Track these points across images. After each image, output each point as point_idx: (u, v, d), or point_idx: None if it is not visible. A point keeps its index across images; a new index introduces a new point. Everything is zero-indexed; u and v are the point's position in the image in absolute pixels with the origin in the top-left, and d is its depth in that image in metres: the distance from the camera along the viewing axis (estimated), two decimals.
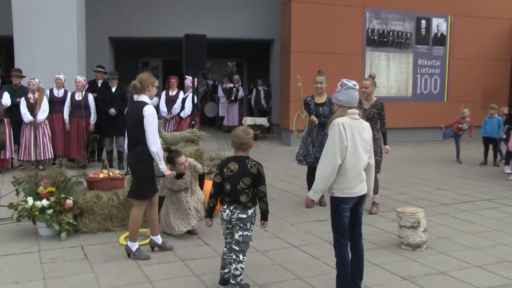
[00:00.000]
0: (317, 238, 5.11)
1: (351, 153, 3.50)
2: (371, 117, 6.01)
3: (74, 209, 5.01)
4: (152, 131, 4.21)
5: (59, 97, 8.70)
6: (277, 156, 10.89)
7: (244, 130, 3.73)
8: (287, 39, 12.42)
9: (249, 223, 3.67)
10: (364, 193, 3.63)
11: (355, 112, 3.59)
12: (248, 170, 3.62)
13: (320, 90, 6.26)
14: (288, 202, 6.61)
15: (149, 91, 4.36)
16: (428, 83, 13.61)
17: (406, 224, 4.79)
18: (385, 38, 13.03)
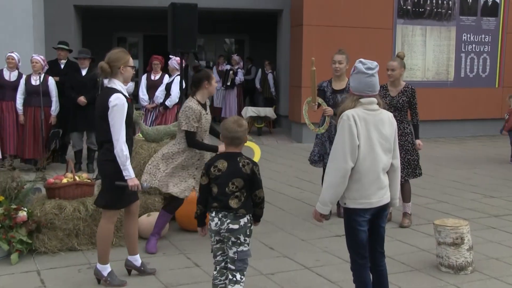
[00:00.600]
0: (335, 257, 5.09)
1: (366, 153, 3.48)
2: (400, 106, 6.01)
3: (28, 224, 4.95)
4: (117, 127, 4.19)
5: (11, 81, 8.66)
6: (286, 155, 10.87)
7: (236, 121, 3.74)
8: (298, 9, 12.38)
9: (242, 235, 3.66)
10: (386, 202, 3.61)
11: (372, 102, 3.57)
12: (240, 169, 3.64)
13: (339, 72, 6.23)
14: (300, 213, 6.60)
15: (121, 73, 4.33)
16: (475, 64, 13.57)
17: (446, 240, 4.77)
18: (421, 8, 12.99)
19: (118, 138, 4.18)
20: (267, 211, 6.45)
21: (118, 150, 4.17)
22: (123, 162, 4.19)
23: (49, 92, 8.60)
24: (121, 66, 4.30)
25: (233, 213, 3.63)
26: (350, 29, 12.25)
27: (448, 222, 4.88)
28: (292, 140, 12.69)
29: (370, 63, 3.58)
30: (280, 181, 8.32)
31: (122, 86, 4.34)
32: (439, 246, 4.83)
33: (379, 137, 3.53)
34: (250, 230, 3.71)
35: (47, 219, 5.04)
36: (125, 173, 4.23)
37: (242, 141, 3.73)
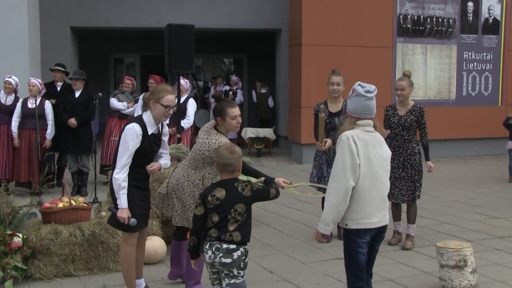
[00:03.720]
0: (336, 281, 5.08)
1: (366, 173, 3.54)
2: (408, 125, 6.05)
3: (23, 250, 4.95)
4: (120, 154, 4.24)
5: (7, 105, 8.72)
6: (286, 176, 10.64)
7: (228, 148, 3.77)
8: (296, 29, 12.47)
9: (236, 268, 3.65)
10: (386, 223, 3.67)
11: (369, 124, 3.64)
12: (240, 194, 3.67)
13: (337, 94, 6.28)
14: (300, 236, 6.59)
15: (151, 108, 4.37)
16: (477, 83, 13.61)
17: (449, 263, 4.76)
18: (421, 26, 13.08)
19: (116, 166, 4.24)
20: (266, 234, 6.53)
21: (113, 178, 4.24)
22: (117, 190, 4.24)
23: (45, 115, 8.64)
24: (152, 100, 4.35)
25: (226, 248, 3.61)
26: (349, 48, 12.32)
27: (451, 244, 4.88)
28: (292, 161, 12.70)
29: (369, 86, 3.65)
30: (280, 203, 8.28)
31: (150, 120, 4.36)
32: (441, 269, 4.82)
33: (378, 158, 3.60)
34: (245, 263, 3.69)
35: (43, 245, 5.05)
36: (118, 202, 4.27)
37: (235, 168, 3.74)
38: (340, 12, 12.28)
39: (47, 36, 11.78)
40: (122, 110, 9.43)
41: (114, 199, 4.31)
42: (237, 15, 13.56)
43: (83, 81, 9.00)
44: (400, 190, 6.09)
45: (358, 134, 3.57)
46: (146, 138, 4.32)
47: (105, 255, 5.28)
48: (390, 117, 6.15)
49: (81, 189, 8.88)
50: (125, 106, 9.43)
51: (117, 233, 5.33)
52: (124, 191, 4.24)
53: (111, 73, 17.49)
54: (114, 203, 4.36)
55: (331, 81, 6.26)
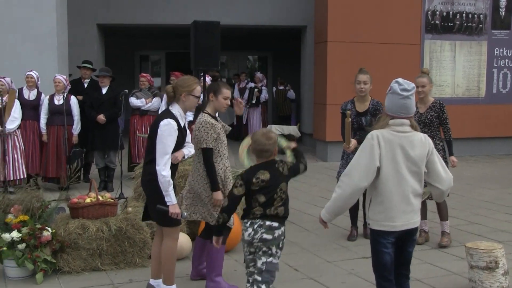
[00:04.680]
0: (362, 280, 5.07)
1: (390, 175, 3.50)
2: (429, 122, 6.03)
3: (52, 243, 5.04)
4: (161, 152, 4.26)
5: (31, 100, 8.85)
6: (310, 174, 10.82)
7: (264, 134, 3.85)
8: (322, 25, 12.44)
9: (274, 246, 3.75)
10: (413, 227, 3.62)
11: (403, 123, 3.56)
12: (281, 174, 3.82)
13: (364, 93, 6.24)
14: (325, 234, 6.54)
15: (182, 101, 4.42)
16: (508, 80, 13.42)
17: (479, 264, 4.71)
18: (450, 23, 12.93)
19: (160, 163, 4.25)
20: (291, 232, 6.51)
21: (160, 177, 4.24)
22: (165, 187, 4.25)
23: (71, 111, 8.79)
24: (184, 93, 4.38)
25: (269, 225, 3.73)
26: (375, 45, 12.23)
27: (481, 245, 4.82)
28: (317, 159, 12.67)
29: (407, 84, 3.56)
30: (304, 200, 8.31)
31: (181, 113, 4.42)
32: (471, 270, 4.76)
33: (405, 160, 3.52)
34: (283, 243, 3.80)
35: (71, 239, 5.14)
36: (167, 199, 4.29)
37: (271, 153, 3.83)
38: (366, 8, 12.20)
39: (75, 33, 11.93)
40: (141, 106, 9.51)
41: (157, 195, 4.30)
42: (262, 12, 13.58)
43: (110, 78, 9.13)
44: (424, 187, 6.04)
45: (385, 135, 3.52)
46: (180, 131, 4.37)
47: (131, 251, 5.34)
48: None
49: (107, 185, 9.01)
50: (143, 103, 9.51)
51: (143, 228, 5.41)
52: (172, 187, 4.29)
53: (137, 70, 17.64)
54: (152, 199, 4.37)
55: (357, 79, 6.22)
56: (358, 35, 12.16)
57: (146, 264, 5.30)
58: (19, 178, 8.44)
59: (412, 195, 3.56)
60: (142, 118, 9.57)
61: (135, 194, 6.37)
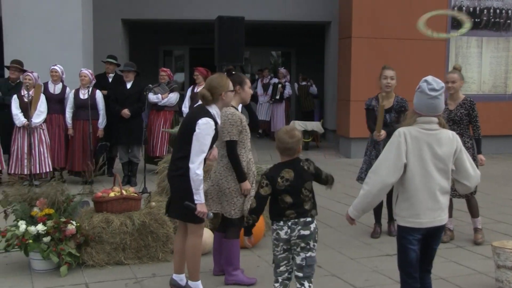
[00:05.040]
0: (386, 277, 5.04)
1: (416, 172, 3.52)
2: (458, 120, 5.97)
3: (77, 237, 5.08)
4: (196, 150, 4.25)
5: (56, 94, 8.92)
6: (333, 170, 10.61)
7: (287, 132, 3.84)
8: (346, 21, 12.36)
9: (312, 240, 3.79)
10: (440, 225, 3.62)
11: (431, 121, 3.56)
12: (306, 172, 3.81)
13: (390, 88, 6.21)
14: (349, 231, 6.53)
15: (222, 100, 4.44)
16: None
17: (506, 263, 4.64)
18: (477, 18, 12.74)
19: (195, 161, 4.24)
20: None
21: (193, 175, 4.23)
22: (197, 186, 4.24)
23: (96, 105, 8.85)
24: (223, 92, 4.39)
25: (304, 221, 3.76)
26: (400, 41, 12.11)
27: (508, 244, 4.77)
28: (340, 155, 12.61)
29: (436, 83, 3.54)
30: (328, 197, 8.18)
31: (217, 112, 4.42)
32: (498, 270, 4.71)
33: (432, 157, 3.53)
34: (317, 235, 3.85)
35: (95, 233, 5.17)
36: (196, 197, 4.27)
37: (295, 151, 3.82)
38: (391, 4, 12.10)
39: (99, 28, 12.01)
40: (157, 102, 9.52)
41: (185, 192, 4.29)
42: (286, 7, 13.53)
43: (134, 73, 9.16)
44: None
45: (412, 132, 3.53)
46: (216, 131, 4.36)
47: (155, 245, 5.36)
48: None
49: (131, 179, 9.06)
50: (159, 98, 9.51)
51: (167, 223, 5.41)
52: (202, 186, 4.29)
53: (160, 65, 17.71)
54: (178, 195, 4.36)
55: (384, 75, 6.18)
56: (383, 31, 12.06)
57: (169, 258, 5.30)
58: (45, 172, 8.53)
59: (439, 192, 3.56)
60: (158, 113, 9.60)
61: (159, 189, 6.39)
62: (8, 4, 9.97)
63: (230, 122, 4.64)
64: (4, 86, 8.96)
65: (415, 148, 3.50)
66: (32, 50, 9.78)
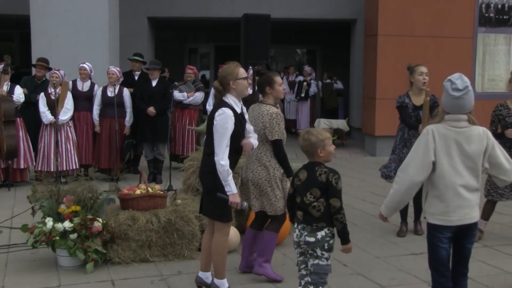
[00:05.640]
0: (412, 277, 5.00)
1: (445, 170, 3.50)
2: None
3: (103, 234, 5.09)
4: (218, 142, 4.23)
5: (84, 91, 8.99)
6: (359, 168, 10.72)
7: (303, 135, 3.84)
8: (372, 18, 12.27)
9: (319, 249, 3.70)
10: (470, 222, 3.58)
11: (459, 118, 3.52)
12: (316, 178, 3.70)
13: (425, 85, 6.13)
14: (374, 229, 6.51)
15: (233, 88, 4.40)
16: None
17: None
18: (505, 15, 12.56)
19: (218, 153, 4.21)
20: None
21: (218, 166, 4.21)
22: (224, 177, 4.21)
23: (123, 103, 8.90)
24: (231, 81, 4.37)
25: (311, 226, 3.69)
26: (426, 38, 11.99)
27: None
28: (366, 154, 12.52)
29: (461, 83, 3.49)
30: (353, 195, 8.20)
31: (235, 100, 4.40)
32: None
33: (461, 155, 3.50)
34: (330, 244, 3.72)
35: (121, 230, 5.17)
36: (227, 189, 4.24)
37: (312, 153, 3.75)
38: (417, 1, 11.96)
39: (125, 26, 12.09)
40: (183, 100, 9.50)
41: (216, 188, 4.26)
42: (312, 5, 13.46)
43: (160, 71, 9.18)
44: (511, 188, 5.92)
45: (440, 129, 3.51)
46: (237, 118, 4.33)
47: (180, 243, 5.35)
48: (505, 117, 5.96)
49: (156, 177, 9.08)
50: (185, 97, 9.50)
51: (192, 221, 5.40)
52: (231, 176, 4.25)
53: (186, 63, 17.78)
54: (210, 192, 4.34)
55: (420, 71, 6.10)
56: (409, 28, 11.95)
57: (194, 256, 5.30)
58: (72, 169, 8.61)
59: (467, 190, 3.54)
60: (183, 111, 9.57)
61: (184, 186, 6.38)
62: (35, 2, 10.06)
63: (276, 121, 4.72)
64: (30, 84, 9.05)
65: (443, 145, 3.49)
66: (59, 48, 9.87)
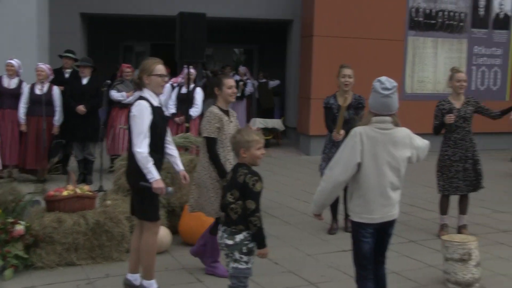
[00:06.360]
0: (341, 273, 5.06)
1: (371, 171, 3.61)
2: (468, 117, 6.22)
3: (25, 238, 4.87)
4: (135, 132, 4.18)
5: (11, 88, 8.53)
6: (293, 167, 10.79)
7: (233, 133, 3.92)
8: (309, 19, 12.35)
9: (237, 252, 3.64)
10: (391, 220, 3.74)
11: (385, 121, 3.63)
12: (236, 179, 3.66)
13: (348, 87, 6.27)
14: (306, 227, 6.55)
15: (147, 84, 4.35)
16: (486, 77, 13.50)
17: (453, 256, 4.78)
18: (432, 20, 12.94)
19: (136, 143, 4.16)
20: (272, 225, 6.43)
21: (137, 154, 4.15)
22: (144, 164, 4.15)
23: (53, 101, 8.50)
24: (145, 75, 4.33)
25: (231, 228, 3.65)
26: (361, 40, 12.20)
27: (456, 238, 4.95)
28: (301, 153, 12.61)
29: (389, 82, 3.61)
30: (287, 194, 8.24)
31: (151, 94, 4.36)
32: (446, 262, 4.84)
33: (387, 156, 3.62)
34: (249, 248, 3.65)
35: (46, 233, 4.96)
36: (149, 176, 4.17)
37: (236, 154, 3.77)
38: (353, 4, 12.17)
39: (57, 22, 11.61)
40: (122, 100, 9.24)
41: (140, 175, 4.19)
42: (249, 4, 13.40)
43: (91, 68, 8.84)
44: (465, 182, 6.20)
45: (368, 132, 3.60)
46: (155, 110, 4.28)
47: (109, 244, 5.20)
48: (448, 111, 6.15)
49: (86, 177, 8.76)
50: (124, 96, 9.22)
51: (122, 222, 5.28)
52: (151, 163, 4.16)
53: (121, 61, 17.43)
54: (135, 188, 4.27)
55: (342, 73, 6.24)
56: (344, 30, 12.12)
57: (123, 258, 5.16)
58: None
59: (390, 189, 3.68)
60: (122, 110, 9.21)
61: (115, 187, 6.20)
62: None
63: (208, 119, 4.79)
64: None
65: (370, 147, 3.58)
66: None
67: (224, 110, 4.90)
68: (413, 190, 8.38)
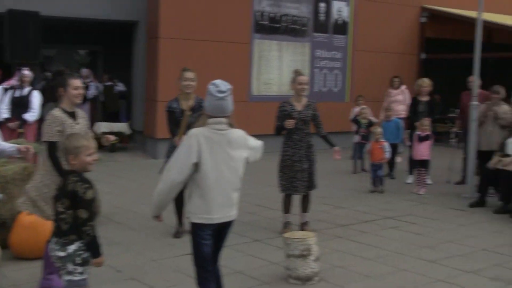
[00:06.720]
0: (187, 277, 5.03)
1: (209, 171, 3.66)
2: (308, 119, 6.44)
3: None
4: None
5: None
6: (139, 171, 10.66)
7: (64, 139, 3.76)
8: (154, 21, 12.26)
9: (71, 263, 3.50)
10: (230, 220, 3.81)
11: (220, 122, 3.72)
12: (65, 187, 3.51)
13: (190, 89, 6.30)
14: (152, 232, 6.48)
15: None
16: (327, 80, 14.23)
17: (294, 252, 4.93)
18: (277, 24, 13.38)
19: None
20: (116, 232, 6.31)
21: None
22: None
23: None
24: None
25: (63, 240, 3.48)
26: (208, 42, 12.32)
27: (297, 235, 5.10)
28: (147, 156, 12.45)
29: (223, 85, 3.70)
30: (132, 199, 8.10)
31: None
32: (288, 259, 4.98)
33: (225, 157, 3.70)
34: (83, 258, 3.52)
35: None
36: None
37: (66, 160, 3.61)
38: (199, 6, 12.24)
39: None
40: None
41: None
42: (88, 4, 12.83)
43: None
44: (303, 182, 6.38)
45: (205, 133, 3.67)
46: None
47: None
48: (290, 112, 6.33)
49: None
50: None
51: None
52: None
53: None
54: None
55: (185, 77, 6.27)
56: (191, 32, 12.17)
57: None
58: None
59: (230, 189, 3.76)
60: None
61: None
62: None
63: (48, 123, 4.67)
64: None
65: (208, 148, 3.64)
66: None
67: (69, 112, 4.74)
68: (259, 190, 8.62)
